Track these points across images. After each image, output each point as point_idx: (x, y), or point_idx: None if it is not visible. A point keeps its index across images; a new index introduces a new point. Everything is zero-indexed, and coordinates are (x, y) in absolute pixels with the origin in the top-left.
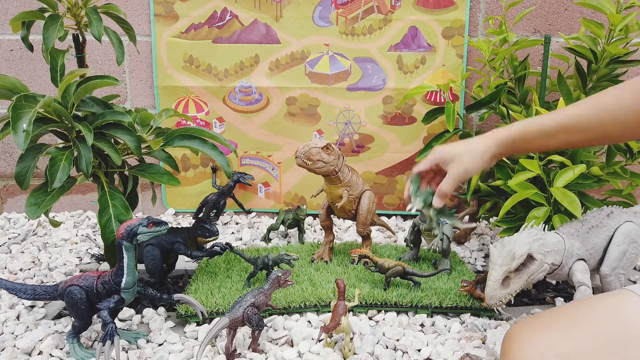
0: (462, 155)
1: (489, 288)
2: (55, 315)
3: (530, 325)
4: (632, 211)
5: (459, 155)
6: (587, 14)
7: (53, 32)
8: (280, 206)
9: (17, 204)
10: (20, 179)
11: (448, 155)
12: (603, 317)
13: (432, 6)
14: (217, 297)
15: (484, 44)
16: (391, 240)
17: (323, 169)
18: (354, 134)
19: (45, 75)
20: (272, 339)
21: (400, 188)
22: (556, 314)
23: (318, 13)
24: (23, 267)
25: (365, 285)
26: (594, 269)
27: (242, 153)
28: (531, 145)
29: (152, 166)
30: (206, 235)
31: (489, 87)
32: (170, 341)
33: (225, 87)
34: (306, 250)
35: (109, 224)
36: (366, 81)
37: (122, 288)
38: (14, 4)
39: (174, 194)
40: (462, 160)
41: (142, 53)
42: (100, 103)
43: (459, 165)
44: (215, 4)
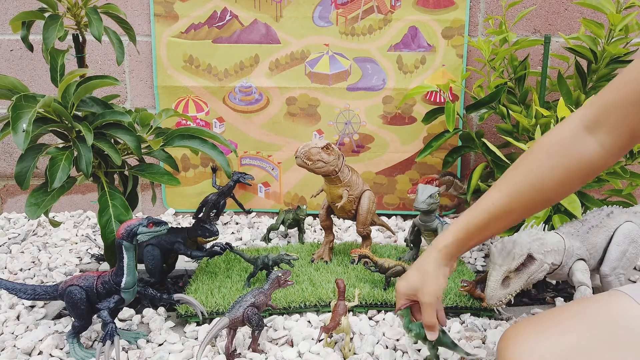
0: (424, 287)
1: (489, 288)
2: (55, 315)
3: (527, 328)
4: (632, 211)
5: (421, 287)
6: (587, 14)
7: (53, 32)
8: (280, 206)
9: (17, 204)
10: (20, 179)
11: (412, 292)
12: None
13: (432, 6)
14: (217, 297)
15: (484, 44)
16: (391, 240)
17: (323, 169)
18: (354, 134)
19: (45, 75)
20: (272, 339)
21: (400, 188)
22: (550, 316)
23: (318, 13)
24: (23, 267)
25: (365, 285)
26: (594, 269)
27: (242, 153)
28: (478, 239)
29: (152, 166)
30: (206, 235)
31: (489, 87)
32: (170, 341)
33: (225, 87)
34: (306, 250)
35: (109, 224)
36: (366, 81)
37: (122, 288)
38: (14, 4)
39: (174, 194)
40: (426, 290)
41: (142, 53)
42: (100, 103)
43: (427, 295)
44: (215, 4)
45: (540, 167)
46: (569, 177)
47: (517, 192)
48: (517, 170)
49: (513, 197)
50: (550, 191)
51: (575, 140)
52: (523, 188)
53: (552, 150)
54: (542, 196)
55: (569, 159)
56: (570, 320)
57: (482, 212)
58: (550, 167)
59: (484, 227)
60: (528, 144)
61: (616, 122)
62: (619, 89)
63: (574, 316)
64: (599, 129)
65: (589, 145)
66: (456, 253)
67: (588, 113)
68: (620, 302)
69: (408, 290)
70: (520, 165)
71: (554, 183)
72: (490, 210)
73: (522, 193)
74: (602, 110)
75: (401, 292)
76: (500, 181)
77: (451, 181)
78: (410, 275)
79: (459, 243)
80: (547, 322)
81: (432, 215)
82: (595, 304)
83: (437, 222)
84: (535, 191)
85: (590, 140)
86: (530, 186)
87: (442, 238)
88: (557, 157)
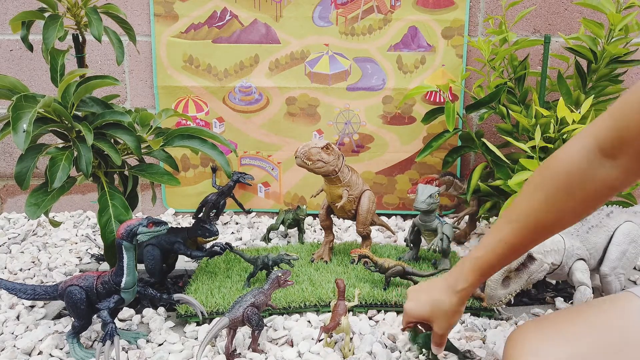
0: (438, 319)
1: (489, 288)
2: (55, 315)
3: (533, 332)
4: (632, 211)
5: (434, 318)
6: (587, 13)
7: (53, 32)
8: (280, 206)
9: (17, 204)
10: (20, 179)
11: (425, 319)
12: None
13: (432, 6)
14: (217, 297)
15: (484, 44)
16: (391, 240)
17: (323, 169)
18: (354, 134)
19: (45, 75)
20: (272, 339)
21: (400, 188)
22: (559, 319)
23: (318, 13)
24: (23, 267)
25: (365, 285)
26: (593, 268)
27: (242, 153)
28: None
29: (152, 166)
30: (206, 235)
31: (489, 87)
32: (170, 341)
33: (225, 87)
34: (306, 250)
35: (108, 224)
36: (366, 81)
37: (122, 288)
38: (14, 4)
39: (174, 194)
40: (441, 322)
41: (142, 53)
42: (100, 103)
43: (441, 327)
44: (215, 4)
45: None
46: (585, 205)
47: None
48: (528, 204)
49: (525, 233)
50: (564, 222)
51: (593, 167)
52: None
53: (568, 180)
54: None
55: (587, 188)
56: (580, 325)
57: (496, 253)
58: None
59: (499, 264)
60: (528, 144)
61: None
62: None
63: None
64: (620, 155)
65: (608, 172)
66: (472, 292)
67: (605, 137)
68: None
69: (421, 317)
70: (531, 197)
71: (569, 214)
72: (504, 247)
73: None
74: (622, 137)
75: (412, 316)
76: (511, 214)
77: (451, 181)
78: (423, 303)
79: (475, 283)
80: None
81: (432, 215)
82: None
83: (437, 222)
84: (548, 225)
85: (609, 166)
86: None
87: (460, 279)
88: (574, 188)
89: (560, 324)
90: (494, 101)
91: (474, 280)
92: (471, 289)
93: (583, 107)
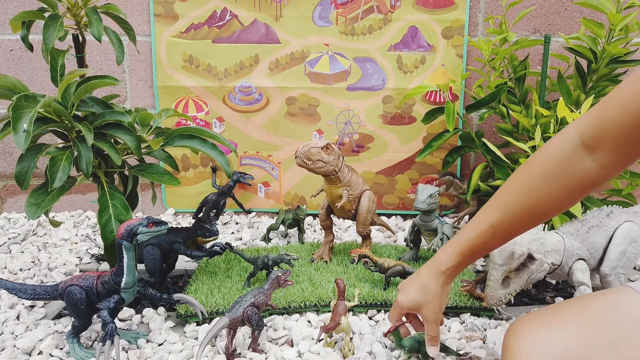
0: (428, 305)
1: (489, 288)
2: (55, 315)
3: (532, 323)
4: (632, 211)
5: (425, 305)
6: (587, 13)
7: (53, 32)
8: (280, 206)
9: (17, 204)
10: (20, 179)
11: (414, 307)
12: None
13: (432, 6)
14: (217, 297)
15: (484, 43)
16: (391, 240)
17: (323, 168)
18: (354, 134)
19: (45, 75)
20: (272, 338)
21: (400, 188)
22: (557, 310)
23: (318, 13)
24: (23, 267)
25: (365, 285)
26: (594, 268)
27: (242, 153)
28: (478, 257)
29: (152, 166)
30: (206, 235)
31: (489, 87)
32: (170, 341)
33: (225, 87)
34: (306, 250)
35: (108, 224)
36: (366, 81)
37: (122, 288)
38: (14, 4)
39: (174, 194)
40: (431, 308)
41: (142, 53)
42: (100, 103)
43: (432, 313)
44: (215, 4)
45: (538, 187)
46: (566, 195)
47: (514, 212)
48: (513, 189)
49: (510, 218)
50: (547, 210)
51: (574, 159)
52: (520, 209)
53: (550, 169)
54: (539, 214)
55: (567, 178)
56: (578, 316)
57: (482, 234)
58: (549, 186)
59: (484, 247)
60: (528, 144)
61: (617, 143)
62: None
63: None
64: (598, 148)
65: (588, 165)
66: (457, 273)
67: (587, 130)
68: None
69: (411, 305)
70: (516, 183)
71: (552, 202)
72: (489, 232)
73: (519, 213)
74: (602, 130)
75: (403, 307)
76: (497, 199)
77: (451, 181)
78: (412, 292)
79: (460, 264)
80: (554, 317)
81: (432, 215)
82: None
83: (437, 222)
84: (533, 211)
85: (589, 160)
86: (527, 206)
87: (444, 260)
88: (555, 176)
89: (558, 315)
90: (494, 101)
91: (459, 261)
92: (455, 270)
93: (583, 107)
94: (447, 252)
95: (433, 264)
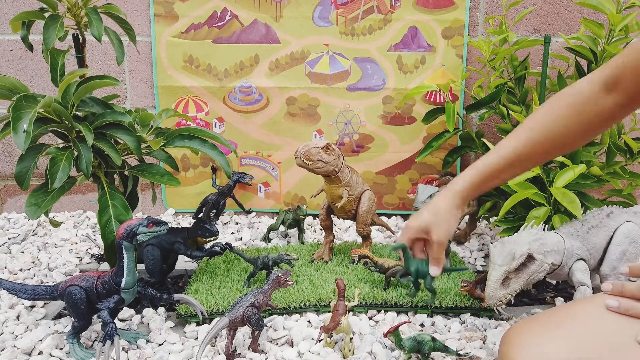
0: (438, 225)
1: (489, 288)
2: (55, 315)
3: (527, 329)
4: (632, 211)
5: (433, 224)
6: (587, 14)
7: (53, 32)
8: (280, 206)
9: (17, 204)
10: (20, 179)
11: (424, 227)
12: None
13: (432, 6)
14: (217, 297)
15: (484, 44)
16: (391, 240)
17: (323, 169)
18: (354, 134)
19: (45, 75)
20: (272, 339)
21: (400, 188)
22: (552, 317)
23: (318, 13)
24: (23, 267)
25: (365, 285)
26: (594, 269)
27: (242, 153)
28: (492, 184)
29: (152, 166)
30: (206, 235)
31: (489, 87)
32: (170, 341)
33: (225, 87)
34: (306, 250)
35: (109, 224)
36: (366, 81)
37: (122, 288)
38: (14, 4)
39: (174, 194)
40: (438, 227)
41: (142, 53)
42: (100, 103)
43: (439, 233)
44: (215, 4)
45: (563, 117)
46: (585, 127)
47: (535, 140)
48: (536, 119)
49: (531, 145)
50: (567, 140)
51: (594, 95)
52: (543, 137)
53: (575, 102)
54: (559, 144)
55: (588, 112)
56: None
57: (500, 158)
58: (572, 118)
59: (500, 173)
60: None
61: (630, 85)
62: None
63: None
64: (615, 89)
65: (606, 102)
66: (470, 196)
67: (607, 72)
68: None
69: (420, 225)
70: (539, 114)
71: (571, 133)
72: (508, 156)
73: (542, 141)
74: (619, 72)
75: (412, 228)
76: (520, 129)
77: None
78: (423, 214)
79: (474, 186)
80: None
81: None
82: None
83: None
84: (554, 140)
85: (607, 98)
86: (551, 135)
87: (458, 181)
88: (578, 108)
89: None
90: (494, 101)
91: (474, 182)
92: (469, 192)
93: None
94: (466, 173)
95: (449, 186)
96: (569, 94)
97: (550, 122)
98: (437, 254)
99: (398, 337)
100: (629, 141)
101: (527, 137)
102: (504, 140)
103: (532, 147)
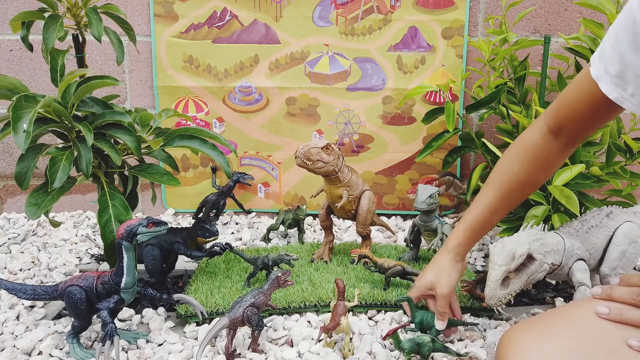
0: (440, 280)
1: (489, 288)
2: (55, 315)
3: (526, 332)
4: (632, 211)
5: (437, 280)
6: (587, 14)
7: (53, 32)
8: (280, 206)
9: (17, 204)
10: (20, 179)
11: (430, 284)
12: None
13: (432, 6)
14: (217, 297)
15: (484, 44)
16: (391, 240)
17: (323, 169)
18: (354, 134)
19: (45, 75)
20: (272, 339)
21: (400, 188)
22: (550, 319)
23: (318, 13)
24: (23, 267)
25: (365, 285)
26: (593, 269)
27: (242, 153)
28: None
29: (152, 166)
30: (206, 235)
31: (489, 87)
32: (170, 341)
33: (225, 87)
34: (306, 250)
35: (108, 224)
36: (366, 81)
37: (122, 288)
38: (14, 4)
39: (174, 194)
40: (442, 283)
41: (142, 53)
42: (100, 103)
43: (442, 287)
44: (215, 4)
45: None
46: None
47: (504, 190)
48: (501, 171)
49: (502, 196)
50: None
51: (546, 142)
52: (509, 187)
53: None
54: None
55: (540, 158)
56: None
57: (482, 212)
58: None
59: (487, 223)
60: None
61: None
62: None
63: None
64: (561, 134)
65: (556, 146)
66: (466, 249)
67: (552, 121)
68: None
69: (426, 284)
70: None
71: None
72: (489, 208)
73: (509, 191)
74: (562, 121)
75: (420, 287)
76: (490, 180)
77: (451, 181)
78: (427, 273)
79: (468, 241)
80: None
81: (432, 215)
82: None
83: (436, 222)
84: (518, 187)
85: (555, 142)
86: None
87: (452, 238)
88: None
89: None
90: (494, 101)
91: (466, 238)
92: (463, 247)
93: None
94: (455, 232)
95: (445, 244)
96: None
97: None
98: (442, 307)
99: (397, 339)
100: (628, 141)
101: (497, 191)
102: (481, 192)
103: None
